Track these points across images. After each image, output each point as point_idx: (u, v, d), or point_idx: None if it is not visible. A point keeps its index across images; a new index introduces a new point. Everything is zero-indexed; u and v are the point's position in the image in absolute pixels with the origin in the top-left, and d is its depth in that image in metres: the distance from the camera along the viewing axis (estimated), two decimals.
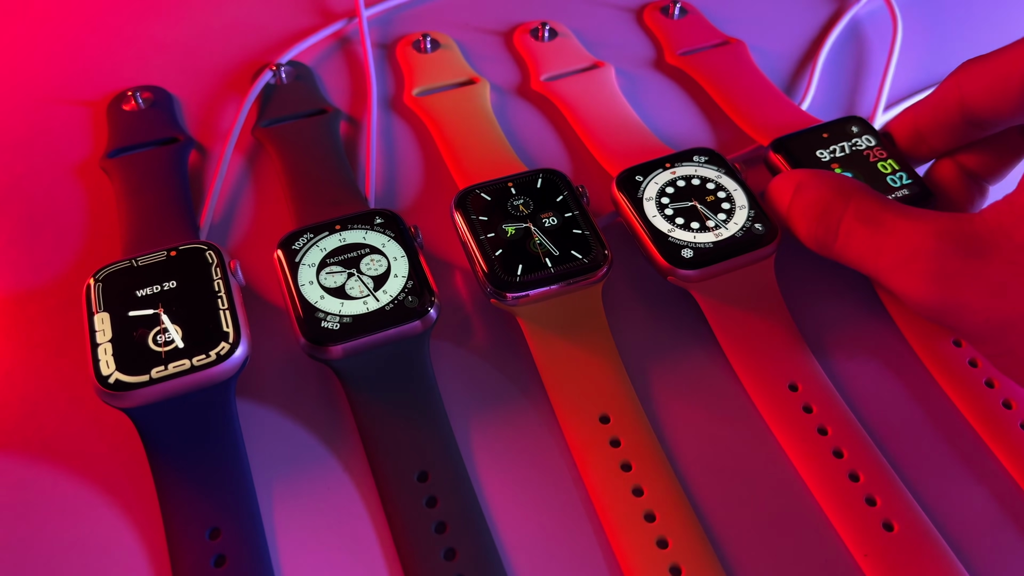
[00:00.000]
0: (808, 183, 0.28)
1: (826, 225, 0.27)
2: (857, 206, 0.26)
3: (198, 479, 0.27)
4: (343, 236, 0.31)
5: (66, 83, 0.43)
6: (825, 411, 0.29)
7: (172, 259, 0.30)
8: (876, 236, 0.25)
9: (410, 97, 0.42)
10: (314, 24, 0.47)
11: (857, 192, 0.26)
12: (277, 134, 0.39)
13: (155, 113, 0.40)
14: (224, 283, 0.29)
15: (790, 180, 0.29)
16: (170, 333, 0.28)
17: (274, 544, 0.27)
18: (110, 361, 0.27)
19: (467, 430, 0.30)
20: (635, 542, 0.26)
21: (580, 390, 0.30)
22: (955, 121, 0.28)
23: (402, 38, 0.46)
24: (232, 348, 0.27)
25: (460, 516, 0.27)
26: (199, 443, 0.27)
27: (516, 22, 0.48)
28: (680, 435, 0.30)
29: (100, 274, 0.29)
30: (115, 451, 0.29)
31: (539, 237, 0.32)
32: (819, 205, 0.27)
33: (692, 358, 0.32)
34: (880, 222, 0.25)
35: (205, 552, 0.26)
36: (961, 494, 0.28)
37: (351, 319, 0.29)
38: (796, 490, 0.28)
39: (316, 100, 0.41)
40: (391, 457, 0.28)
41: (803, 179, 0.28)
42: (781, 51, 0.46)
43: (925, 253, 0.23)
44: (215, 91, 0.43)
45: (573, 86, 0.43)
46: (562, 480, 0.29)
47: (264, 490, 0.28)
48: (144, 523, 0.27)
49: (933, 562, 0.26)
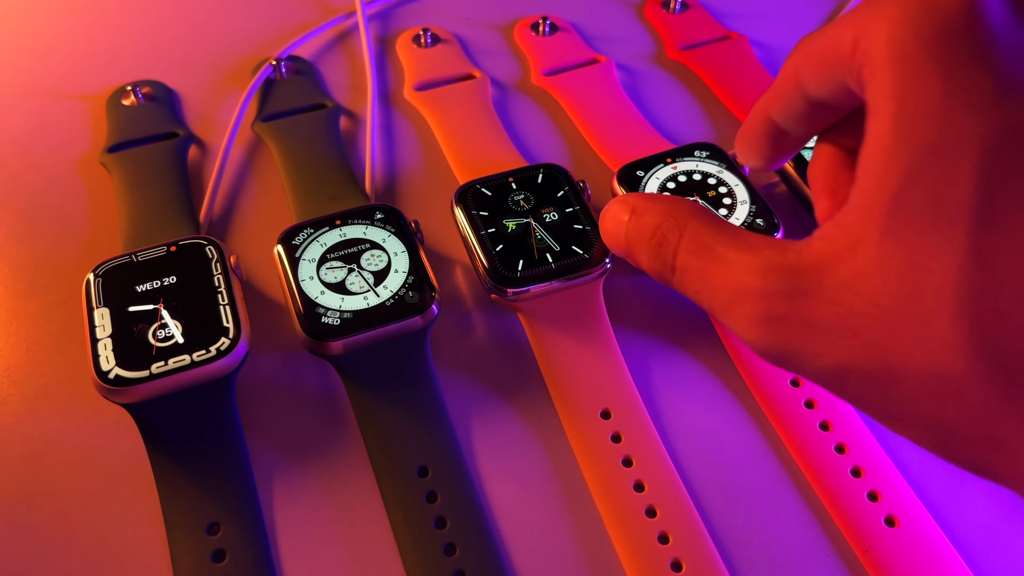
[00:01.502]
0: (642, 210, 0.24)
1: (662, 258, 0.23)
2: (692, 235, 0.22)
3: (198, 474, 0.27)
4: (343, 231, 0.31)
5: (66, 78, 0.43)
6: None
7: (172, 254, 0.30)
8: (706, 271, 0.22)
9: (410, 92, 0.42)
10: (314, 19, 0.47)
11: (693, 219, 0.23)
12: (277, 129, 0.39)
13: (155, 108, 0.40)
14: (224, 278, 0.29)
15: (623, 207, 0.25)
16: (170, 328, 0.28)
17: (274, 539, 0.27)
18: (110, 356, 0.27)
19: (468, 425, 0.30)
20: (636, 537, 0.26)
21: (581, 385, 0.30)
22: (803, 107, 0.24)
23: (402, 33, 0.46)
24: (232, 344, 0.27)
25: (460, 511, 0.27)
26: (199, 438, 0.27)
27: (517, 16, 0.48)
28: (681, 431, 0.30)
29: (100, 269, 0.29)
30: (115, 446, 0.29)
31: (540, 232, 0.32)
32: (655, 235, 0.23)
33: (693, 354, 0.32)
34: (711, 255, 0.22)
35: (205, 547, 0.26)
36: (962, 490, 0.28)
37: (351, 314, 0.29)
38: (797, 485, 0.28)
39: (316, 95, 0.41)
40: (391, 452, 0.28)
41: (636, 205, 0.25)
42: (783, 45, 0.46)
43: (751, 293, 0.20)
44: (215, 86, 0.43)
45: (574, 81, 0.42)
46: (562, 476, 0.29)
47: (264, 485, 0.28)
48: (144, 518, 0.27)
49: (935, 558, 0.26)
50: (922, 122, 0.17)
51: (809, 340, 0.19)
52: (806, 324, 0.19)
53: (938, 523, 0.27)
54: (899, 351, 0.17)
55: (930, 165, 0.17)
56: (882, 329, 0.17)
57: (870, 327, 0.18)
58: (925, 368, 0.17)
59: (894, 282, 0.17)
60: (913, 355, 0.17)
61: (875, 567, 0.26)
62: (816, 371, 0.19)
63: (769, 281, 0.20)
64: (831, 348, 0.18)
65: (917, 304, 0.17)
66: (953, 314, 0.16)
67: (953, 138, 0.17)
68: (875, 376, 0.18)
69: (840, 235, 0.19)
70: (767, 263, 0.20)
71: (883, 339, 0.17)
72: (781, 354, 0.20)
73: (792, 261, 0.19)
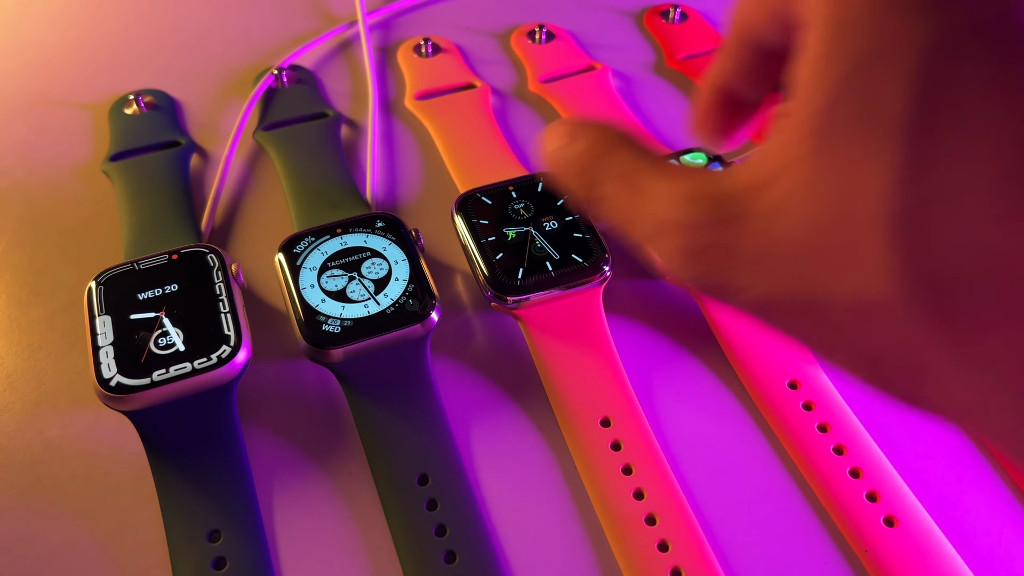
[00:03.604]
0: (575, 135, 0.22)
1: (588, 185, 0.21)
2: (619, 162, 0.21)
3: (199, 482, 0.27)
4: (344, 240, 0.31)
5: (68, 87, 0.43)
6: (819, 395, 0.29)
7: (174, 262, 0.30)
8: (632, 199, 0.20)
9: (411, 101, 0.42)
10: (315, 28, 0.47)
11: (621, 145, 0.21)
12: (278, 138, 0.39)
13: (157, 117, 0.41)
14: (225, 286, 0.29)
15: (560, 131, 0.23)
16: (171, 336, 0.28)
17: (274, 546, 0.27)
18: (111, 364, 0.27)
19: (468, 433, 0.30)
20: (636, 546, 0.26)
21: (581, 393, 0.30)
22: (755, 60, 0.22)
23: (403, 42, 0.46)
24: (233, 351, 0.27)
25: (460, 519, 0.27)
26: (200, 446, 0.28)
27: (518, 25, 0.48)
28: (681, 438, 0.30)
29: (102, 277, 0.29)
30: (116, 453, 0.29)
31: (540, 241, 0.32)
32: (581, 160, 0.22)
33: (692, 361, 0.32)
34: (636, 183, 0.20)
35: (206, 554, 0.26)
36: (962, 489, 0.28)
37: (352, 322, 0.29)
38: (796, 489, 0.28)
39: (317, 104, 0.41)
40: (391, 460, 0.28)
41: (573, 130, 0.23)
42: None
43: (675, 223, 0.19)
44: (217, 95, 0.43)
45: (570, 87, 0.43)
46: (563, 483, 0.29)
47: (265, 493, 0.28)
48: (145, 525, 0.27)
49: (934, 558, 0.26)
50: (854, 29, 0.16)
51: (736, 270, 0.18)
52: (732, 254, 0.18)
53: (937, 523, 0.27)
54: (828, 278, 0.16)
55: (862, 75, 0.15)
56: (811, 255, 0.16)
57: (798, 254, 0.16)
58: (854, 294, 0.16)
59: (824, 204, 0.16)
60: (843, 281, 0.16)
61: (875, 567, 0.26)
62: (744, 302, 0.18)
63: (694, 210, 0.18)
64: (759, 278, 0.17)
65: (847, 226, 0.15)
66: (884, 235, 0.15)
67: (886, 45, 0.15)
68: (805, 306, 0.17)
69: (769, 158, 0.17)
70: (692, 191, 0.19)
71: (812, 266, 0.16)
72: (709, 285, 0.19)
73: (718, 188, 0.18)
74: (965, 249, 0.14)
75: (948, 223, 0.14)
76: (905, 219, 0.15)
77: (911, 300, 0.15)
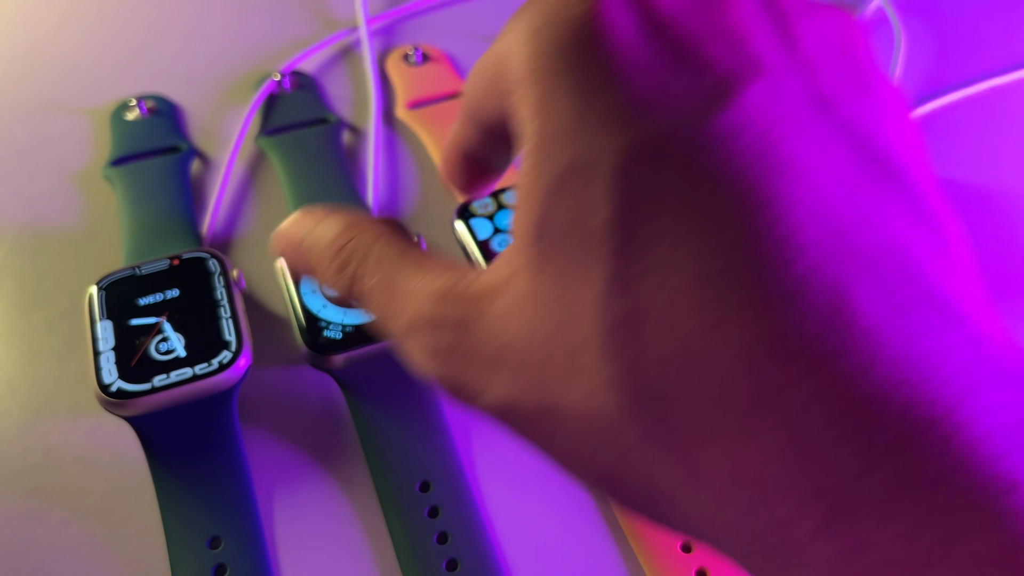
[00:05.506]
0: (327, 225, 0.22)
1: (346, 280, 0.21)
2: (377, 258, 0.20)
3: (199, 488, 0.27)
4: None
5: (69, 91, 0.43)
6: None
7: (175, 267, 0.30)
8: (388, 297, 0.20)
9: (403, 110, 0.42)
10: (317, 34, 0.47)
11: (380, 240, 0.21)
12: (280, 143, 0.39)
13: (158, 122, 0.41)
14: (227, 291, 0.29)
15: (307, 220, 0.22)
16: (172, 341, 0.28)
17: (275, 553, 0.27)
18: (112, 369, 0.27)
19: (469, 440, 0.30)
20: (654, 547, 0.26)
21: None
22: (486, 138, 0.21)
23: (391, 52, 0.46)
24: (234, 357, 0.27)
25: (462, 527, 0.27)
26: (200, 452, 0.27)
27: None
28: None
29: (103, 282, 0.29)
30: (116, 459, 0.29)
31: None
32: (339, 254, 0.21)
33: None
34: (393, 281, 0.20)
35: (206, 561, 0.26)
36: None
37: (353, 328, 0.29)
38: None
39: (319, 110, 0.41)
40: (393, 467, 0.28)
41: (322, 219, 0.22)
42: None
43: (424, 322, 0.18)
44: (218, 100, 0.43)
45: None
46: (565, 490, 0.29)
47: (265, 499, 0.28)
48: (145, 531, 0.27)
49: None
50: (558, 142, 0.16)
51: (475, 372, 0.17)
52: (472, 356, 0.17)
53: None
54: (558, 385, 0.16)
55: (568, 188, 0.15)
56: (537, 364, 0.16)
57: (529, 361, 0.16)
58: (581, 404, 0.15)
59: (544, 314, 0.16)
60: (570, 390, 0.15)
61: None
62: (485, 404, 0.18)
63: (440, 309, 0.18)
64: (496, 381, 0.17)
65: (568, 335, 0.15)
66: (599, 346, 0.15)
67: (587, 158, 0.15)
68: (540, 412, 0.16)
69: (502, 264, 0.17)
70: (442, 290, 0.18)
71: (539, 375, 0.16)
72: (453, 386, 0.18)
73: (463, 290, 0.18)
74: (679, 360, 0.14)
75: (660, 334, 0.14)
76: (617, 331, 0.14)
77: (629, 412, 0.15)
